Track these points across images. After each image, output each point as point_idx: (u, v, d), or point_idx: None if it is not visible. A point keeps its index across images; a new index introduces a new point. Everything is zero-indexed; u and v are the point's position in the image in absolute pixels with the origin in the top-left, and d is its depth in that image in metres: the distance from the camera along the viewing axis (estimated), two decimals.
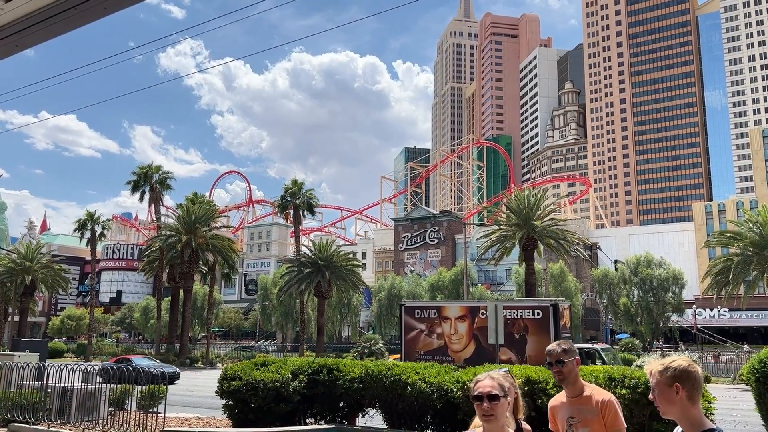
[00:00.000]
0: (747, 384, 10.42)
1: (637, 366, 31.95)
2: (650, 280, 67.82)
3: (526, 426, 3.48)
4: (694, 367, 3.02)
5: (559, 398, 4.40)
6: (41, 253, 64.83)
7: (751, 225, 40.47)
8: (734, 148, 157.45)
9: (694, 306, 70.47)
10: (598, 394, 4.18)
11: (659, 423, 8.71)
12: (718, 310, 75.45)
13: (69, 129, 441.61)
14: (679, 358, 3.08)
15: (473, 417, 3.93)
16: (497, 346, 22.59)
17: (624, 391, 8.84)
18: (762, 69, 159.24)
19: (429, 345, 24.03)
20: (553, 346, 4.35)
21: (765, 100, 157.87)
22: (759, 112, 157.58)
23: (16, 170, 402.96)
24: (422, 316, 24.55)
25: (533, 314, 22.41)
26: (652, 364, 3.12)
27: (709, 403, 8.88)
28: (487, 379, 3.19)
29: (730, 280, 40.43)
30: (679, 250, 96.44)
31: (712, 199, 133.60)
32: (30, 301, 62.48)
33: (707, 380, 31.41)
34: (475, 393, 3.16)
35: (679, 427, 3.07)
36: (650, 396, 3.14)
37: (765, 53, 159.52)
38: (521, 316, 22.56)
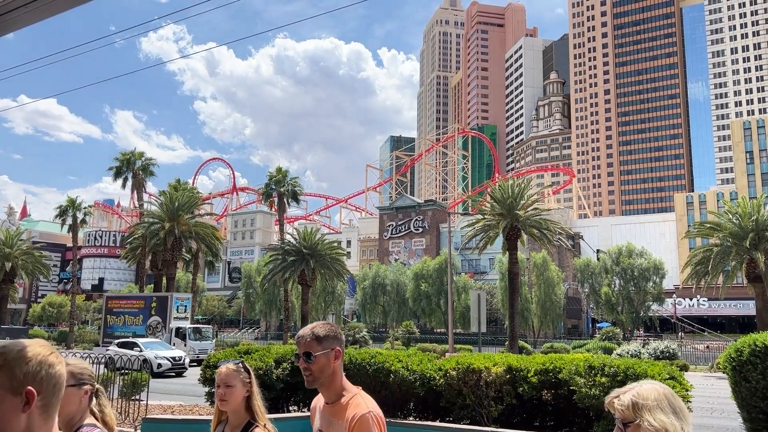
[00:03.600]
0: (724, 372, 10.62)
1: (618, 354, 32.40)
2: (631, 269, 68.59)
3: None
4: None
5: (320, 399, 3.26)
6: (21, 240, 63.98)
7: (730, 216, 41.00)
8: (716, 139, 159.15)
9: (674, 295, 71.46)
10: (354, 405, 2.99)
11: None
12: (698, 300, 76.54)
13: (50, 113, 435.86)
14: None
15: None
16: (479, 334, 22.49)
17: (603, 379, 8.96)
18: (744, 62, 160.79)
19: None
20: (305, 330, 3.09)
21: (747, 93, 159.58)
22: (740, 105, 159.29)
23: None
24: None
25: None
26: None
27: (687, 390, 9.04)
28: (224, 367, 3.55)
29: (710, 270, 40.97)
30: (661, 240, 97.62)
31: (693, 190, 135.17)
32: (10, 288, 61.59)
33: (685, 368, 31.87)
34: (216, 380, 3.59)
35: None
36: None
37: (747, 46, 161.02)
38: None
